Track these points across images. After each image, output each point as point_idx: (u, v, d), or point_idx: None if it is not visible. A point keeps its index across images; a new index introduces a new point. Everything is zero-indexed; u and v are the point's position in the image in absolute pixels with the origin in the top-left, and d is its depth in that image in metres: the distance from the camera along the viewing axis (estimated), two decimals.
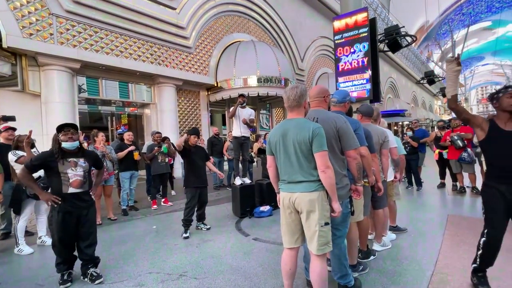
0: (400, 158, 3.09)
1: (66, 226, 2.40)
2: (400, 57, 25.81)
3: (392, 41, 8.47)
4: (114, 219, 4.54)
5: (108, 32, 7.37)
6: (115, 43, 7.53)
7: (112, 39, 7.47)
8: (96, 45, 7.16)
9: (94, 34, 7.12)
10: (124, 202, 4.95)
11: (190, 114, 10.06)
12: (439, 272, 2.43)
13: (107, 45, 7.37)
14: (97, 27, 7.15)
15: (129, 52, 7.82)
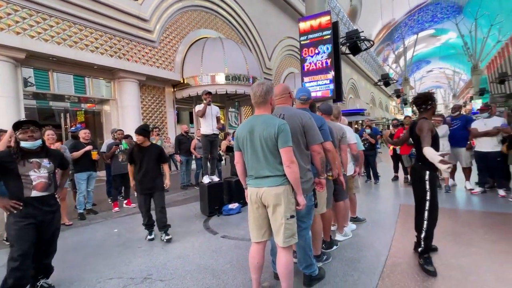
0: (359, 154, 3.31)
1: (29, 235, 2.07)
2: (360, 60, 27.52)
3: (352, 44, 8.98)
4: (69, 224, 4.18)
5: (59, 20, 6.70)
6: (68, 32, 6.88)
7: (64, 28, 6.80)
8: (45, 34, 6.47)
9: (42, 21, 6.42)
10: (81, 206, 4.57)
11: (155, 111, 9.62)
12: (392, 256, 2.66)
13: (58, 34, 6.70)
14: (45, 13, 6.45)
15: (85, 43, 7.21)
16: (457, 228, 3.33)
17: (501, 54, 24.49)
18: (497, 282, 2.13)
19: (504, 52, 23.55)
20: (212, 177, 4.78)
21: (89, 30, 7.28)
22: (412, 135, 2.57)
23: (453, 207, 4.31)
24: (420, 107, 2.52)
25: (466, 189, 5.13)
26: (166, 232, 3.40)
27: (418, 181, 2.46)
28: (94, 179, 4.88)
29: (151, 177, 3.35)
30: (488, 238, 2.96)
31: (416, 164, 2.56)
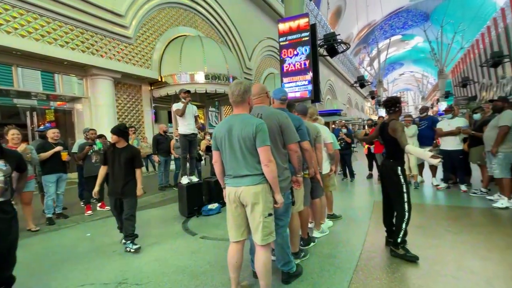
0: (335, 153, 3.43)
1: None
2: (337, 62, 28.39)
3: (330, 46, 9.26)
4: (36, 230, 3.91)
5: (23, 11, 6.25)
6: (34, 25, 6.43)
7: (29, 20, 6.35)
8: (7, 25, 6.00)
9: (3, 12, 5.95)
10: (50, 210, 4.30)
11: (131, 110, 9.28)
12: (366, 251, 2.79)
13: (23, 27, 6.25)
14: (7, 3, 5.99)
15: (53, 37, 6.79)
16: (424, 221, 3.55)
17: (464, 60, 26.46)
18: (459, 270, 2.30)
19: (466, 58, 25.47)
20: (191, 178, 4.70)
21: (57, 24, 6.86)
22: (383, 135, 2.72)
23: (421, 202, 4.59)
24: (390, 109, 2.71)
25: (432, 185, 5.48)
26: (133, 242, 3.09)
27: (392, 176, 2.60)
28: (65, 181, 4.61)
29: (121, 181, 3.07)
30: (451, 230, 3.19)
31: (387, 161, 2.70)
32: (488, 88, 19.66)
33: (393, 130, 2.54)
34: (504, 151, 3.82)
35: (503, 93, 16.11)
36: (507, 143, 3.81)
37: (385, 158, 2.78)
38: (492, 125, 3.98)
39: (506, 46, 16.53)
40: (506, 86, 16.22)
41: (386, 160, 2.74)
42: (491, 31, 19.27)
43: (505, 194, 3.88)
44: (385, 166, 2.71)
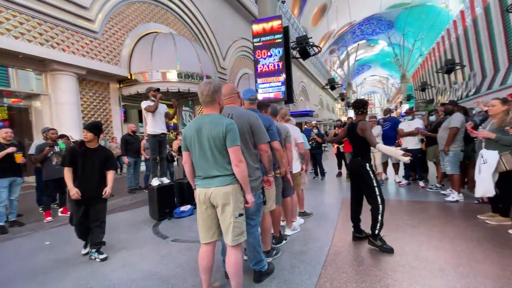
0: (305, 152, 3.55)
1: None
2: (309, 64, 29.25)
3: (302, 49, 9.54)
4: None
5: None
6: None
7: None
8: None
9: None
10: (2, 218, 3.91)
11: (98, 108, 8.75)
12: (335, 245, 2.92)
13: None
14: None
15: (6, 27, 6.18)
16: (387, 216, 3.76)
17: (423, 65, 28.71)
18: (415, 260, 2.51)
19: (425, 64, 27.66)
20: (162, 179, 4.57)
21: (11, 13, 6.26)
22: (352, 135, 2.88)
23: (385, 198, 4.89)
24: (358, 110, 2.89)
25: (395, 182, 5.89)
26: (99, 251, 2.91)
27: (362, 172, 2.76)
28: (19, 185, 4.23)
29: (94, 185, 2.88)
30: (410, 223, 3.46)
31: (356, 159, 2.86)
32: (443, 92, 21.57)
33: (362, 130, 2.72)
34: (454, 150, 4.23)
35: (455, 97, 17.77)
36: (457, 142, 4.22)
37: (354, 156, 2.93)
38: (444, 126, 4.39)
39: (457, 54, 18.26)
40: (457, 91, 17.90)
41: (354, 158, 2.89)
42: (445, 41, 21.16)
43: (455, 189, 4.29)
44: (355, 163, 2.86)
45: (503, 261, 2.38)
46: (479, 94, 14.62)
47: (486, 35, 14.46)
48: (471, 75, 16.19)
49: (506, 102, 3.18)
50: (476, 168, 3.31)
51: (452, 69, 15.99)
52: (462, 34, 17.54)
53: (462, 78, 18.06)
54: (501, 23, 13.02)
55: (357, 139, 2.81)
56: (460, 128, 4.17)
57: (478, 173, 3.26)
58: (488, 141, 3.19)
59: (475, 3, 15.46)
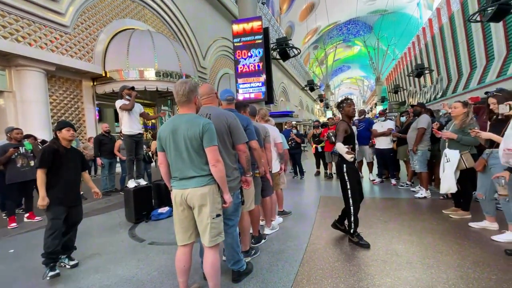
0: (284, 152, 3.61)
1: None
2: (289, 65, 29.69)
3: (282, 50, 9.66)
4: None
5: None
6: None
7: None
8: None
9: None
10: None
11: (69, 107, 8.28)
12: (312, 243, 3.00)
13: None
14: None
15: None
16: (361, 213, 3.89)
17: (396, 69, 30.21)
18: (386, 254, 2.65)
19: (398, 68, 29.13)
20: (139, 181, 4.43)
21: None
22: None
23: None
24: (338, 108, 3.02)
25: (369, 180, 6.16)
26: (70, 256, 2.78)
27: (340, 173, 2.88)
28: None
29: (76, 186, 2.79)
30: (382, 219, 3.64)
31: (338, 160, 2.97)
32: (414, 94, 22.86)
33: (336, 129, 2.87)
34: (422, 149, 4.51)
35: (425, 99, 18.90)
36: (424, 142, 4.51)
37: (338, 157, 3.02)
38: (413, 127, 4.66)
39: (426, 59, 19.44)
40: (427, 94, 19.05)
41: (338, 159, 2.99)
42: (416, 46, 22.43)
43: (423, 186, 4.58)
44: (337, 163, 2.98)
45: (463, 252, 2.58)
46: (446, 97, 15.66)
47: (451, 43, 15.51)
48: (438, 79, 17.30)
49: (467, 105, 3.44)
50: (441, 166, 3.55)
51: (421, 73, 16.98)
52: (430, 41, 18.68)
53: (430, 81, 19.25)
54: (464, 32, 14.03)
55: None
56: (427, 129, 4.45)
57: (442, 171, 3.50)
58: (450, 141, 3.44)
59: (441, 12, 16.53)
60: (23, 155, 4.26)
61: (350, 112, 2.89)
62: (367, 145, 6.05)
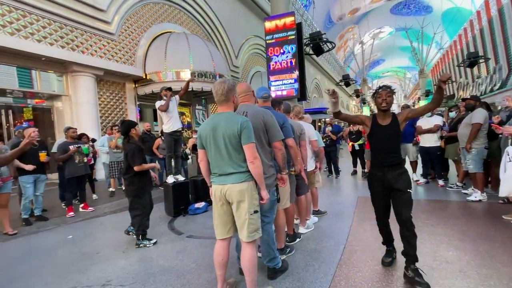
0: (320, 150, 3.51)
1: None
2: (323, 60, 28.80)
3: (316, 45, 9.39)
4: (13, 234, 3.76)
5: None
6: (8, 18, 6.11)
7: (2, 13, 6.03)
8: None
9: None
10: (27, 211, 4.16)
11: (115, 108, 9.03)
12: (350, 244, 2.88)
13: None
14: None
15: (29, 31, 6.48)
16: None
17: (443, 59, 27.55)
18: (435, 261, 2.43)
19: (445, 58, 26.53)
20: (177, 177, 4.66)
21: (34, 17, 6.55)
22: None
23: None
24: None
25: (413, 180, 5.71)
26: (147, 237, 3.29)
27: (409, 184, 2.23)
28: (43, 182, 4.45)
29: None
30: (428, 223, 3.35)
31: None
32: (465, 87, 20.59)
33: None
34: (477, 147, 4.04)
35: (478, 92, 16.93)
36: (479, 139, 4.03)
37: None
38: (466, 122, 4.19)
39: (481, 47, 17.36)
40: (481, 86, 17.04)
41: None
42: (468, 33, 20.16)
43: (478, 188, 4.11)
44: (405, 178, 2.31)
45: None
46: (506, 88, 13.84)
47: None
48: (496, 68, 15.35)
49: None
50: (501, 166, 3.15)
51: (475, 63, 15.19)
52: (487, 25, 16.63)
53: (486, 71, 17.16)
54: None
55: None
56: (483, 124, 3.98)
57: (503, 172, 3.11)
58: None
59: None
60: (79, 153, 4.73)
61: (378, 104, 2.21)
62: (410, 143, 5.59)
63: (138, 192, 3.15)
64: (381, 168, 2.25)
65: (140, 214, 3.15)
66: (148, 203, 3.27)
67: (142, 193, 3.18)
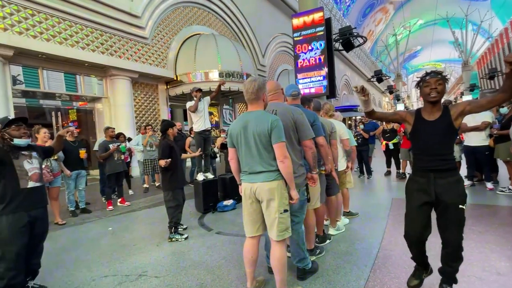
0: (352, 149, 3.36)
1: (23, 233, 2.04)
2: (353, 56, 27.67)
3: (345, 40, 9.03)
4: (63, 224, 4.14)
5: (47, 16, 6.56)
6: (57, 29, 6.74)
7: (52, 24, 6.66)
8: (33, 30, 6.32)
9: (29, 17, 6.27)
10: (72, 204, 4.56)
11: (148, 108, 9.54)
12: (384, 249, 2.72)
13: (47, 31, 6.56)
14: (32, 9, 6.30)
15: (75, 40, 7.08)
16: None
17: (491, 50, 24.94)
18: (484, 271, 2.20)
19: (494, 48, 23.99)
20: (206, 174, 4.78)
21: (79, 27, 7.14)
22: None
23: None
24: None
25: None
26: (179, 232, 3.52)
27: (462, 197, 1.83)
28: (84, 177, 4.83)
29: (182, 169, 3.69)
30: (475, 229, 3.05)
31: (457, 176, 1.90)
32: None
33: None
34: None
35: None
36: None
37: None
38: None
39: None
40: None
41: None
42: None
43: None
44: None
45: None
46: None
47: None
48: None
49: None
50: None
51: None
52: None
53: None
54: None
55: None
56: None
57: None
58: None
59: None
60: (117, 151, 5.07)
61: (426, 94, 1.75)
62: None
63: (171, 186, 3.36)
64: (425, 173, 1.79)
65: (173, 206, 3.34)
66: (180, 196, 3.47)
67: (174, 186, 3.38)
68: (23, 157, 2.15)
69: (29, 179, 2.14)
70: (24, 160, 2.15)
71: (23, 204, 2.08)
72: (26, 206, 2.09)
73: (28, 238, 2.09)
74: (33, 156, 2.23)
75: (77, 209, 4.71)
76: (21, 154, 2.15)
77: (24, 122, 2.20)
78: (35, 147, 2.36)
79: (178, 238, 3.30)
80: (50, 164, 4.07)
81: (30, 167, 2.17)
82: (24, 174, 2.12)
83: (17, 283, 2.02)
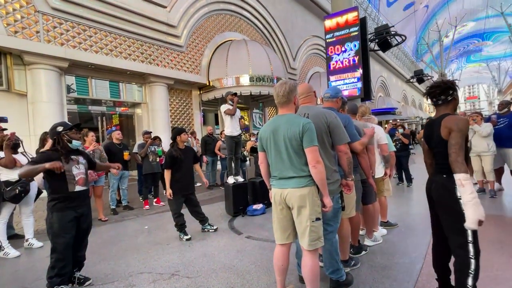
0: (390, 155, 3.13)
1: (71, 227, 2.31)
2: (390, 56, 26.20)
3: (382, 40, 8.58)
4: (105, 220, 4.47)
5: (96, 30, 7.24)
6: (104, 41, 7.40)
7: (100, 37, 7.33)
8: (84, 44, 7.01)
9: (82, 32, 6.98)
10: (114, 202, 4.90)
11: (182, 113, 9.98)
12: (428, 265, 2.45)
13: (96, 44, 7.23)
14: (84, 25, 7.00)
15: (119, 50, 7.70)
16: (503, 236, 3.01)
17: None
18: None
19: None
20: (237, 178, 4.82)
21: (122, 39, 7.76)
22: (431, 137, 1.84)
23: (500, 213, 3.91)
24: (438, 99, 1.80)
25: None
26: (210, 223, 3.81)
27: (447, 199, 1.69)
28: (127, 178, 5.18)
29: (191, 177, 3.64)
30: None
31: (438, 176, 1.78)
32: None
33: (450, 129, 1.65)
34: None
35: None
36: None
37: (435, 172, 1.85)
38: None
39: None
40: None
41: (437, 175, 1.82)
42: None
43: None
44: (436, 183, 1.80)
45: None
46: None
47: None
48: None
49: None
50: None
51: None
52: None
53: None
54: None
55: (438, 143, 1.74)
56: None
57: None
58: None
59: None
60: (153, 153, 5.37)
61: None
62: (511, 148, 4.55)
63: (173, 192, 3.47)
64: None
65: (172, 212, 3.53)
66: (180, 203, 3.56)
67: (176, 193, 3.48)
68: (72, 162, 2.37)
69: (76, 183, 2.36)
70: (73, 166, 2.37)
71: (71, 205, 2.33)
72: (73, 206, 2.34)
73: (75, 231, 2.35)
74: (80, 162, 2.44)
75: (119, 206, 5.06)
76: (71, 159, 2.37)
77: (78, 128, 2.46)
78: (83, 152, 2.59)
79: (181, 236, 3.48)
80: None
81: (77, 172, 2.39)
82: (72, 179, 2.34)
83: (66, 272, 2.30)
